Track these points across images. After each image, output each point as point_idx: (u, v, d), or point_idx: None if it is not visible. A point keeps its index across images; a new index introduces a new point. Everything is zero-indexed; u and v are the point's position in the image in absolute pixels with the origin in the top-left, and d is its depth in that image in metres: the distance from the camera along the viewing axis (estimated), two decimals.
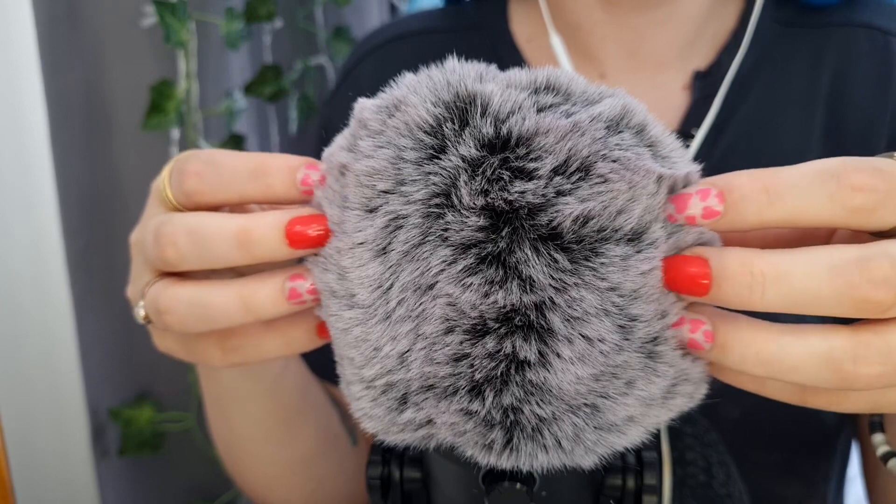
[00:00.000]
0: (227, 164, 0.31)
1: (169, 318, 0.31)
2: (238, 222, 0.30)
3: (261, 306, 0.30)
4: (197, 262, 0.31)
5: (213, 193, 0.31)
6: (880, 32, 0.53)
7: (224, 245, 0.30)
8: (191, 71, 0.86)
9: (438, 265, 0.25)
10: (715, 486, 0.44)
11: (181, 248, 0.31)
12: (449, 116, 0.26)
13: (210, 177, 0.31)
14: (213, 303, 0.30)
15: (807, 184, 0.25)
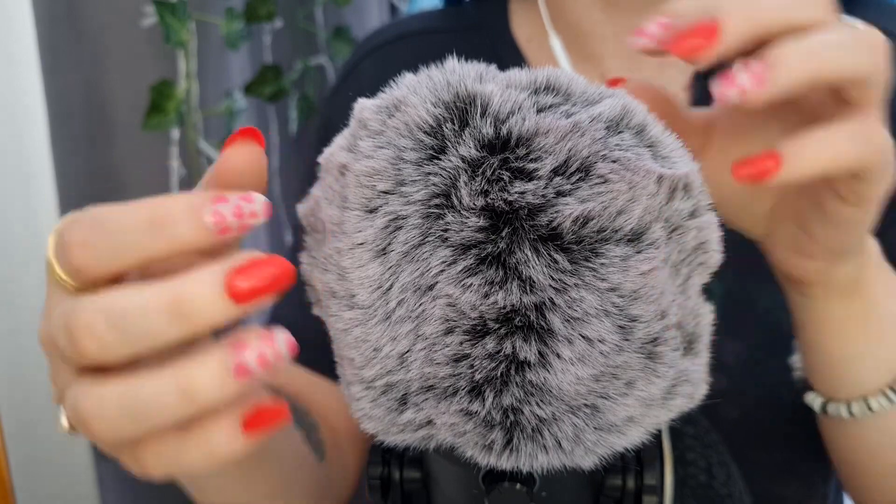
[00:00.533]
0: (115, 223, 0.25)
1: (97, 425, 0.25)
2: (166, 293, 0.24)
3: (205, 393, 0.24)
4: (125, 351, 0.25)
5: (108, 263, 0.25)
6: (882, 33, 0.53)
7: (154, 324, 0.24)
8: (191, 71, 0.86)
9: (438, 266, 0.25)
10: (716, 486, 0.43)
11: (102, 338, 0.24)
12: (449, 117, 0.26)
13: (99, 244, 0.25)
14: (147, 399, 0.25)
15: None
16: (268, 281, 0.24)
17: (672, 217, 0.27)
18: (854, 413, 0.42)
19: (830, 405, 0.43)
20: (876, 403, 0.41)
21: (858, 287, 0.39)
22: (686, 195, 0.28)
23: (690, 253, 0.28)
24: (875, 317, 0.40)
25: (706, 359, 0.29)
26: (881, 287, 0.40)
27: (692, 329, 0.28)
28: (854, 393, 0.42)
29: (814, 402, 0.44)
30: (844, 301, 0.39)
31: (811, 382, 0.44)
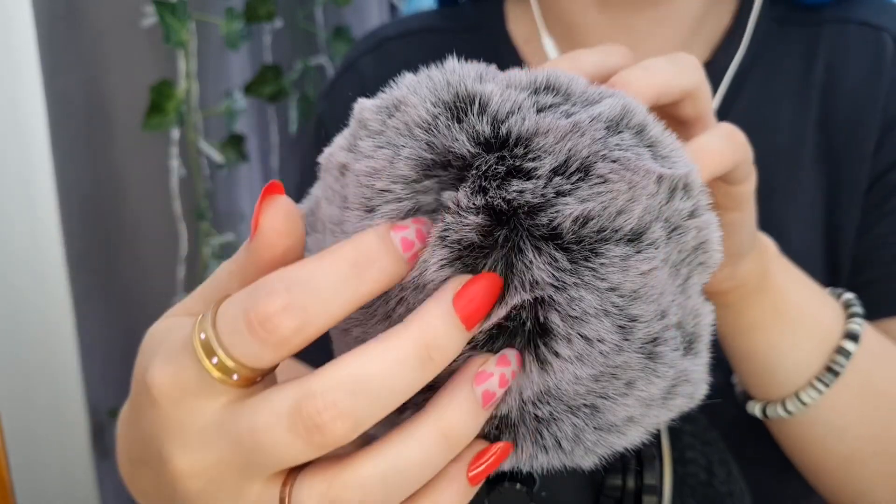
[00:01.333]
0: (320, 277, 0.23)
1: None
2: (408, 341, 0.23)
3: (461, 433, 0.24)
4: (372, 420, 0.23)
5: (320, 322, 0.23)
6: (872, 28, 0.54)
7: (403, 378, 0.23)
8: (191, 71, 0.86)
9: (437, 265, 0.25)
10: (716, 484, 0.44)
11: (352, 413, 0.22)
12: (445, 115, 0.26)
13: (308, 303, 0.22)
14: (413, 459, 0.23)
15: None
16: (487, 296, 0.24)
17: (672, 217, 0.27)
18: (790, 410, 0.43)
19: (769, 408, 0.44)
20: (807, 397, 0.43)
21: (765, 281, 0.41)
22: (686, 195, 0.28)
23: (690, 253, 0.28)
24: (787, 307, 0.42)
25: (706, 359, 0.29)
26: (785, 277, 0.42)
27: (692, 329, 0.28)
28: (786, 391, 0.43)
29: (754, 409, 0.45)
30: (757, 298, 0.41)
31: (748, 391, 0.46)
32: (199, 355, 0.23)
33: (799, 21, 0.55)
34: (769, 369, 0.43)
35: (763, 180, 0.52)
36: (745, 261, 0.39)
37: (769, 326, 0.42)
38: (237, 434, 0.23)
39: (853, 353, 0.42)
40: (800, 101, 0.54)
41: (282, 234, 0.24)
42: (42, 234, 0.74)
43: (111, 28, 0.81)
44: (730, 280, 0.40)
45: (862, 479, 0.45)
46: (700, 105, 0.35)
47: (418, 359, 0.23)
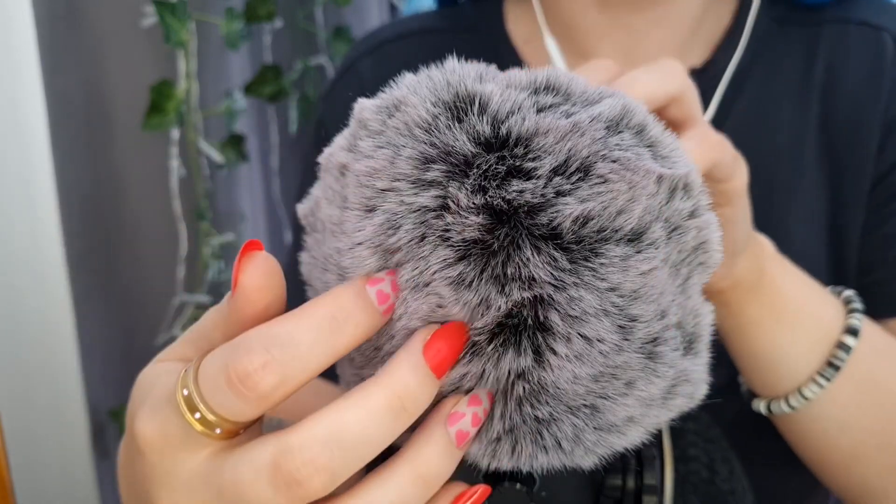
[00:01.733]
0: (297, 333, 0.23)
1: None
2: (381, 394, 0.23)
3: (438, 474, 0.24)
4: (349, 471, 0.23)
5: (299, 377, 0.23)
6: (872, 28, 0.54)
7: (378, 430, 0.23)
8: (191, 71, 0.86)
9: (438, 264, 0.25)
10: (718, 482, 0.43)
11: (329, 466, 0.23)
12: (445, 114, 0.26)
13: (286, 359, 0.23)
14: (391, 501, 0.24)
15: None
16: (455, 345, 0.24)
17: (672, 217, 0.27)
18: (793, 406, 0.44)
19: (773, 404, 0.45)
20: (808, 391, 0.43)
21: (762, 278, 0.42)
22: (686, 195, 0.28)
23: (690, 253, 0.28)
24: (786, 304, 0.43)
25: (706, 358, 0.29)
26: (782, 275, 0.43)
27: (692, 329, 0.28)
28: (789, 386, 0.44)
29: (759, 406, 0.46)
30: (755, 296, 0.42)
31: (752, 389, 0.47)
32: (183, 410, 0.24)
33: (799, 21, 0.55)
34: (771, 366, 0.44)
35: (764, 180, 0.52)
36: (740, 259, 0.40)
37: (768, 324, 0.43)
38: (220, 486, 0.24)
39: (853, 347, 0.43)
40: (800, 101, 0.54)
41: (261, 290, 0.25)
42: (42, 234, 0.74)
43: (111, 28, 0.81)
44: (726, 278, 0.40)
45: (867, 472, 0.46)
46: (686, 108, 0.37)
47: (392, 410, 0.23)
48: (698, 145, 0.36)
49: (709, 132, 0.37)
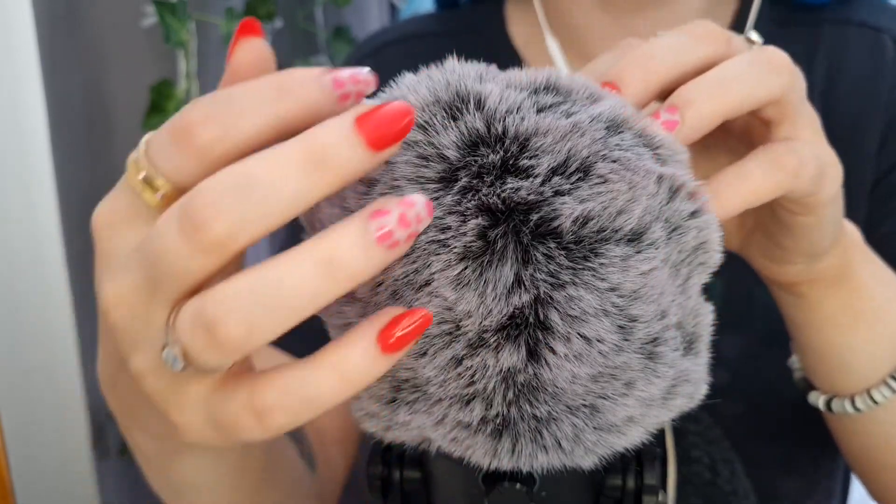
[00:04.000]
0: (243, 93, 0.23)
1: (229, 327, 0.22)
2: (297, 146, 0.22)
3: (348, 264, 0.22)
4: (263, 222, 0.22)
5: (238, 133, 0.23)
6: (872, 29, 0.54)
7: (290, 184, 0.22)
8: (191, 71, 0.86)
9: (434, 263, 0.25)
10: (720, 483, 0.43)
11: (234, 209, 0.22)
12: (441, 113, 0.26)
13: (227, 114, 0.23)
14: (285, 281, 0.22)
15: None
16: (396, 123, 0.23)
17: (672, 217, 0.27)
18: (859, 407, 0.41)
19: (835, 402, 0.42)
20: (879, 395, 0.41)
21: (845, 274, 0.39)
22: (689, 198, 0.28)
23: (690, 253, 0.28)
24: (866, 303, 0.40)
25: (706, 358, 0.29)
26: (867, 273, 0.40)
27: (692, 329, 0.28)
28: (856, 387, 0.41)
29: (817, 401, 0.43)
30: (834, 291, 0.39)
31: (812, 382, 0.44)
32: (130, 173, 0.24)
33: (799, 22, 0.55)
34: (840, 364, 0.41)
35: None
36: (822, 258, 0.37)
37: (844, 321, 0.40)
38: (146, 252, 0.23)
39: None
40: None
41: (251, 67, 0.26)
42: (42, 234, 0.74)
43: (111, 28, 0.81)
44: (804, 275, 0.38)
45: None
46: (785, 110, 0.32)
47: (307, 162, 0.22)
48: (765, 173, 0.31)
49: (782, 154, 0.31)
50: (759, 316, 0.52)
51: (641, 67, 0.30)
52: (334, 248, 0.22)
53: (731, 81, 0.30)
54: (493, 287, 0.25)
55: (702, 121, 0.29)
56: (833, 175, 0.34)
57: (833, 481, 0.58)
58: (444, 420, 0.26)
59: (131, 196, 0.25)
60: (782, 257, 0.37)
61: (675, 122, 0.29)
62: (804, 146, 0.32)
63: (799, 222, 0.34)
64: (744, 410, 0.52)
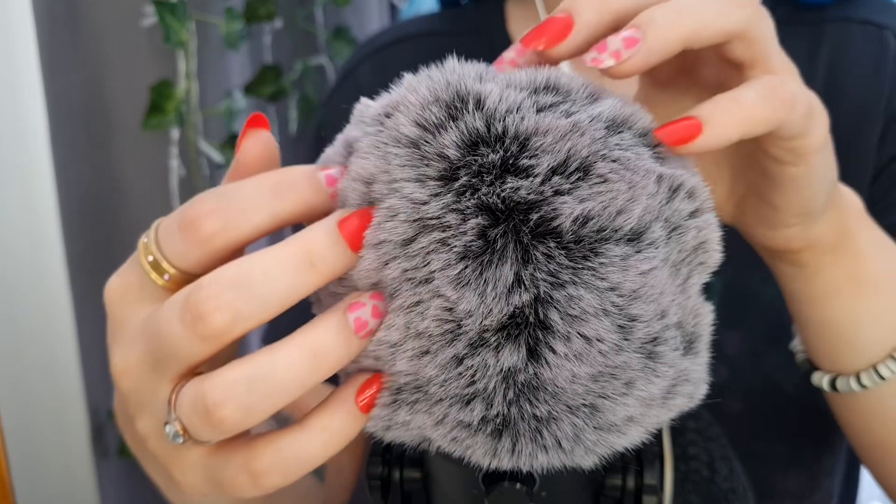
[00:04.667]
0: (242, 191, 0.27)
1: (225, 412, 0.25)
2: (292, 244, 0.25)
3: (333, 354, 0.25)
4: (257, 316, 0.25)
5: (239, 227, 0.26)
6: (874, 26, 0.54)
7: (286, 278, 0.25)
8: (191, 71, 0.86)
9: (435, 262, 0.25)
10: (718, 480, 0.43)
11: (233, 305, 0.24)
12: (440, 113, 0.26)
13: (230, 209, 0.26)
14: (276, 369, 0.25)
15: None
16: (365, 221, 0.26)
17: (672, 217, 0.27)
18: (864, 384, 0.40)
19: (839, 381, 0.41)
20: (886, 370, 0.39)
21: (845, 240, 0.38)
22: (688, 198, 0.28)
23: (690, 253, 0.28)
24: (868, 270, 0.39)
25: (706, 358, 0.29)
26: (867, 239, 0.39)
27: (692, 328, 0.28)
28: (861, 362, 0.40)
29: (821, 380, 0.42)
30: (833, 258, 0.38)
31: (815, 361, 0.42)
32: (140, 255, 0.27)
33: (801, 21, 0.55)
34: (844, 339, 0.40)
35: None
36: (819, 218, 0.36)
37: (846, 292, 0.39)
38: (151, 331, 0.26)
39: None
40: None
41: (258, 159, 0.28)
42: (42, 234, 0.74)
43: (111, 28, 0.81)
44: (802, 239, 0.37)
45: None
46: (754, 48, 0.31)
47: (300, 262, 0.25)
48: (765, 100, 0.30)
49: (777, 85, 0.31)
50: (758, 313, 0.52)
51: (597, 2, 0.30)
52: (319, 341, 0.25)
53: (693, 7, 0.30)
54: (494, 286, 0.25)
55: (662, 42, 0.29)
56: (820, 119, 0.33)
57: (833, 479, 0.58)
58: (445, 420, 0.26)
59: (141, 274, 0.28)
60: (776, 219, 0.36)
61: (636, 39, 0.29)
62: (792, 82, 0.31)
63: (789, 174, 0.33)
64: (743, 408, 0.52)
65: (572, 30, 0.30)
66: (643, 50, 0.29)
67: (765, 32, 0.31)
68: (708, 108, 0.29)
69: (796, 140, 0.32)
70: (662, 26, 0.29)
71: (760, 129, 0.30)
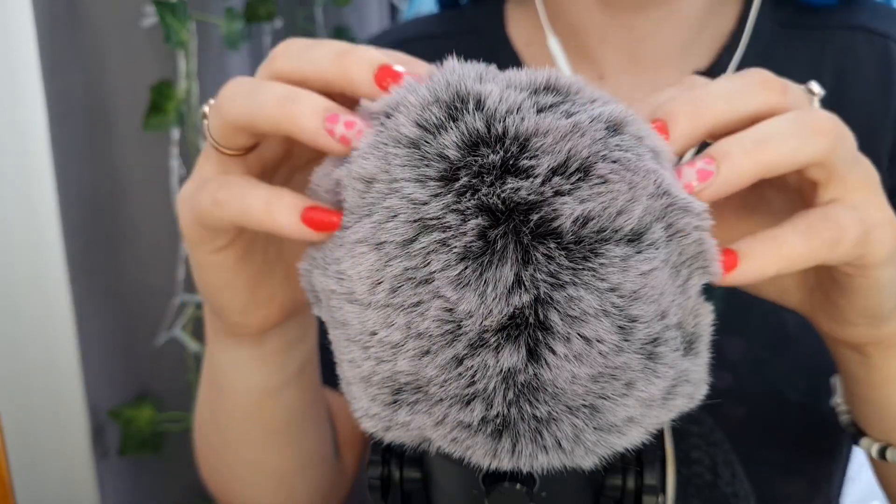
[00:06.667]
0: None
1: (226, 97, 0.32)
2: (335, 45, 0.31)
3: (304, 109, 0.29)
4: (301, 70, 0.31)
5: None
6: (879, 36, 0.53)
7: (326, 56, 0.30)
8: (191, 71, 0.86)
9: (435, 263, 0.25)
10: (720, 485, 0.43)
11: (292, 53, 0.31)
12: (441, 114, 0.26)
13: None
14: (264, 93, 0.30)
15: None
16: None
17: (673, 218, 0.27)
18: None
19: (890, 452, 0.41)
20: None
21: None
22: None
23: (691, 255, 0.28)
24: None
25: (706, 359, 0.29)
26: None
27: (692, 329, 0.28)
28: None
29: (870, 447, 0.42)
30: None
31: (863, 427, 0.43)
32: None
33: (803, 25, 0.55)
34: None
35: None
36: (888, 321, 0.36)
37: None
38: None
39: None
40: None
41: None
42: (42, 234, 0.74)
43: (111, 28, 0.80)
44: (868, 336, 0.36)
45: None
46: (831, 172, 0.31)
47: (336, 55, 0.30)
48: (801, 241, 0.30)
49: (823, 223, 0.30)
50: (761, 320, 0.52)
51: (692, 110, 0.30)
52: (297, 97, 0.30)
53: (772, 141, 0.29)
54: (494, 287, 0.25)
55: (737, 176, 0.29)
56: (883, 237, 0.32)
57: (833, 485, 0.58)
58: (445, 420, 0.26)
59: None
60: (843, 318, 0.36)
61: (710, 172, 0.29)
62: (845, 211, 0.31)
63: (853, 283, 0.33)
64: (746, 413, 0.51)
65: (667, 139, 0.29)
66: (716, 183, 0.29)
67: (843, 157, 0.31)
68: (748, 245, 0.30)
69: (850, 265, 0.32)
70: (738, 161, 0.29)
71: (798, 267, 0.31)
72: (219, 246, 0.35)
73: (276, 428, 0.46)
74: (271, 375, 0.43)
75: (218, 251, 0.36)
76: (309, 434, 0.49)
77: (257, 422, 0.46)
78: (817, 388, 0.51)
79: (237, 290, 0.38)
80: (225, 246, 0.35)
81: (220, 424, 0.48)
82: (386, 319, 0.26)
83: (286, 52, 0.31)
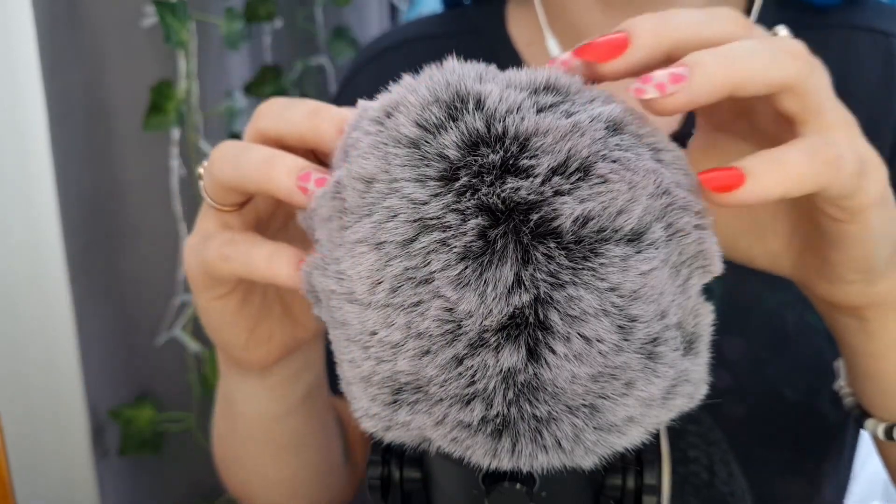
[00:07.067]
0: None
1: (215, 162, 0.35)
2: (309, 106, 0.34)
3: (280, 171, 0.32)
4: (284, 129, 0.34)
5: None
6: (882, 35, 0.53)
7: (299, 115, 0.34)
8: (191, 71, 0.86)
9: (435, 263, 0.25)
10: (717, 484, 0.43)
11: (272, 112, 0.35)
12: (441, 113, 0.26)
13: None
14: (248, 156, 0.33)
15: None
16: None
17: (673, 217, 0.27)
18: None
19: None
20: None
21: None
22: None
23: (691, 255, 0.28)
24: None
25: (706, 359, 0.29)
26: None
27: (692, 329, 0.28)
28: None
29: (876, 428, 0.41)
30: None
31: (868, 409, 0.41)
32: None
33: (806, 25, 0.55)
34: None
35: None
36: (882, 276, 0.35)
37: None
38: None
39: None
40: None
41: None
42: (42, 234, 0.74)
43: (111, 28, 0.81)
44: (863, 296, 0.35)
45: None
46: (805, 102, 0.30)
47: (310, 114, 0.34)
48: (804, 161, 0.29)
49: (821, 146, 0.30)
50: (760, 320, 0.52)
51: (656, 25, 0.30)
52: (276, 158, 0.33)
53: (744, 56, 0.29)
54: (494, 287, 0.25)
55: (709, 84, 0.28)
56: (875, 175, 0.31)
57: (833, 486, 0.58)
58: (445, 420, 0.26)
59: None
60: (836, 275, 0.35)
61: (682, 76, 0.28)
62: (841, 140, 0.30)
63: (843, 231, 0.32)
64: (746, 413, 0.51)
65: (627, 49, 0.30)
66: (687, 89, 0.28)
67: (817, 86, 0.30)
68: (752, 162, 0.29)
69: (846, 200, 0.31)
70: (710, 70, 0.28)
71: (803, 190, 0.30)
72: (222, 293, 0.38)
73: (285, 446, 0.48)
74: (277, 403, 0.45)
75: (220, 297, 0.38)
76: (318, 450, 0.50)
77: (267, 442, 0.48)
78: (817, 388, 0.51)
79: (238, 330, 0.40)
80: (227, 293, 0.38)
81: (233, 440, 0.50)
82: (386, 319, 0.26)
83: (268, 113, 0.35)
